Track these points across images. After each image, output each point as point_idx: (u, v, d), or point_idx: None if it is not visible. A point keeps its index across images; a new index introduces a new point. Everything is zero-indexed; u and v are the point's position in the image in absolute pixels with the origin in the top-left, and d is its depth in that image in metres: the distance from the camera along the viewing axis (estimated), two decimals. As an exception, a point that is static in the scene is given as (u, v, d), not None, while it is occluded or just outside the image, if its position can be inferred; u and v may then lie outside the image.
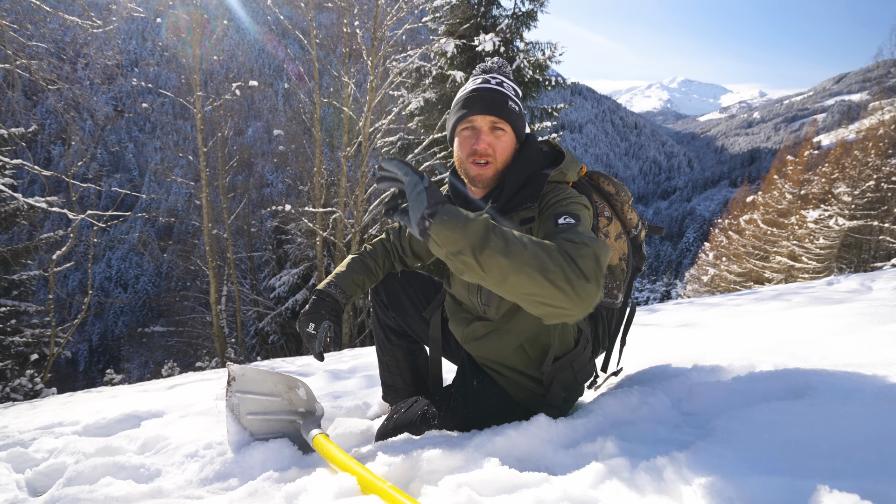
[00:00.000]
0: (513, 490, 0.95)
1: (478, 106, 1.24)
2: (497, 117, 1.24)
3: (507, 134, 1.26)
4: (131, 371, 19.31)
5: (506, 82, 1.30)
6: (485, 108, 1.24)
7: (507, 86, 1.29)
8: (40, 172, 7.70)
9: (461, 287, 1.38)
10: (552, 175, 1.24)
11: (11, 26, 6.43)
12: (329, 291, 1.48)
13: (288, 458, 1.30)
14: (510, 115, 1.25)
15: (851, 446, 0.87)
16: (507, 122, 1.25)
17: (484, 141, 1.24)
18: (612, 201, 1.38)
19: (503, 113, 1.24)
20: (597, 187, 1.38)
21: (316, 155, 11.60)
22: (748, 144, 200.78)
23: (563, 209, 1.14)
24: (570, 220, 1.10)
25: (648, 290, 42.87)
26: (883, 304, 2.66)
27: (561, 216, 1.12)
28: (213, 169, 13.31)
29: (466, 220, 0.93)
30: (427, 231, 0.93)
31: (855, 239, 15.51)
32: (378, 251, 1.62)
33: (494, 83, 1.28)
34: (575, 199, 1.18)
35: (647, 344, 2.47)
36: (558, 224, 1.10)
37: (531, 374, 1.33)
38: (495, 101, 1.24)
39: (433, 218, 0.93)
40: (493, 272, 0.94)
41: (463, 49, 9.11)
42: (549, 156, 1.34)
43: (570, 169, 1.28)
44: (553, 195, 1.20)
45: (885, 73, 21.93)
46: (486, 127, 1.25)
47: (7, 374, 7.87)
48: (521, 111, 1.29)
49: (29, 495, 1.30)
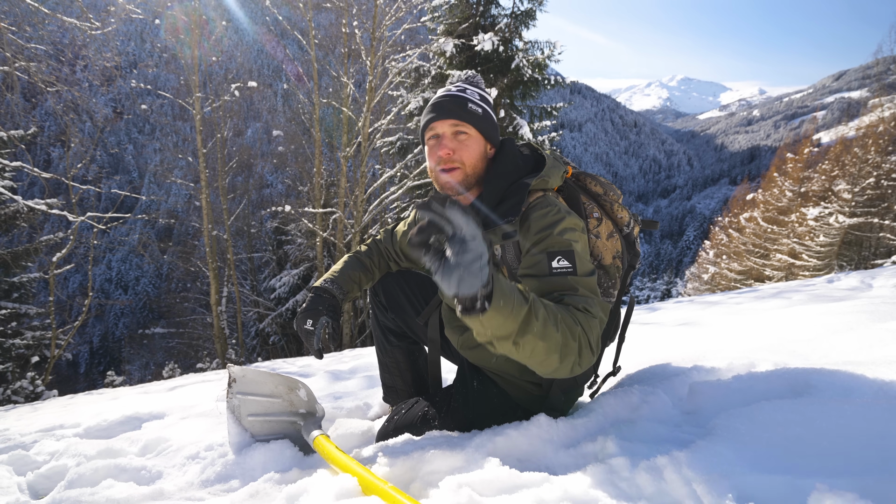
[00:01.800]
0: (513, 490, 0.95)
1: (437, 112, 1.24)
2: (457, 120, 1.22)
3: (471, 137, 1.24)
4: (132, 373, 19.31)
5: (469, 88, 1.29)
6: (444, 112, 1.23)
7: (470, 91, 1.28)
8: (40, 175, 7.70)
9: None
10: (533, 184, 1.19)
11: (10, 28, 6.43)
12: (326, 288, 1.48)
13: (289, 459, 1.31)
14: (471, 118, 1.23)
15: (851, 444, 0.87)
16: (469, 125, 1.23)
17: (446, 147, 1.22)
18: (600, 201, 1.35)
19: (462, 115, 1.22)
20: (584, 188, 1.36)
21: (315, 155, 11.60)
22: (748, 142, 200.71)
23: (556, 244, 1.10)
24: (565, 265, 1.08)
25: (649, 288, 42.88)
26: (883, 302, 2.66)
27: (555, 257, 1.09)
28: (213, 170, 13.31)
29: (514, 300, 0.86)
30: (476, 311, 0.82)
31: (855, 236, 15.50)
32: (373, 251, 1.63)
33: (455, 90, 1.28)
34: (563, 223, 1.13)
35: (647, 343, 2.47)
36: (553, 271, 1.08)
37: (528, 378, 1.33)
38: (454, 105, 1.23)
39: (489, 301, 0.82)
40: (522, 351, 0.92)
41: (462, 49, 9.11)
42: (530, 160, 1.29)
43: (551, 175, 1.23)
44: (538, 213, 1.15)
45: (884, 70, 21.92)
46: (449, 132, 1.23)
47: (8, 377, 7.87)
48: (486, 114, 1.26)
49: (30, 498, 1.30)
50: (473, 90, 1.29)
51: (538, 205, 1.18)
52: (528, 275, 1.12)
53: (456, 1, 9.34)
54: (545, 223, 1.14)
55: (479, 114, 1.25)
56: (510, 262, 1.22)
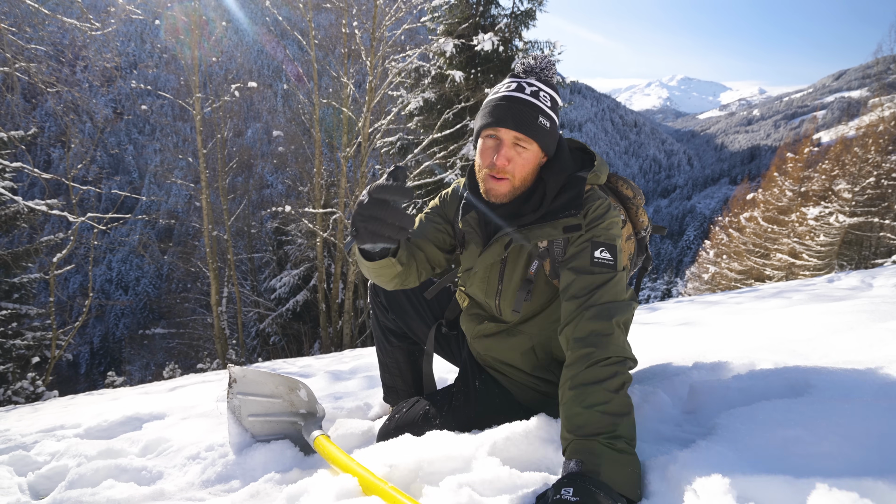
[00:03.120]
0: (514, 490, 0.95)
1: (504, 118, 1.14)
2: (522, 134, 1.14)
3: (530, 151, 1.16)
4: (132, 373, 19.29)
5: (543, 91, 1.18)
6: (511, 122, 1.13)
7: (543, 96, 1.17)
8: (40, 175, 7.70)
9: (479, 290, 1.35)
10: (588, 178, 1.21)
11: (10, 29, 6.43)
12: None
13: (289, 459, 1.31)
14: (538, 134, 1.15)
15: (851, 444, 0.87)
16: (533, 141, 1.15)
17: (504, 156, 1.15)
18: (627, 205, 1.36)
19: (530, 131, 1.14)
20: (615, 190, 1.37)
21: (315, 156, 11.60)
22: (748, 142, 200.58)
23: (602, 235, 1.14)
24: (607, 257, 1.12)
25: (649, 288, 42.85)
26: (883, 302, 2.65)
27: (599, 247, 1.12)
28: (213, 170, 13.31)
29: (632, 471, 0.91)
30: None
31: (855, 236, 15.49)
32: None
33: (529, 92, 1.16)
34: (611, 217, 1.17)
35: (647, 342, 2.47)
36: (594, 261, 1.11)
37: (538, 374, 1.33)
38: (524, 117, 1.14)
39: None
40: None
41: (462, 49, 9.11)
42: (577, 155, 1.29)
43: (602, 171, 1.24)
44: (594, 205, 1.18)
45: (884, 70, 21.89)
46: (510, 141, 1.15)
47: (9, 378, 7.87)
48: (553, 126, 1.18)
49: (31, 498, 1.30)
50: (546, 93, 1.18)
51: (591, 197, 1.20)
52: (570, 267, 1.14)
53: (456, 1, 9.34)
54: (597, 214, 1.17)
55: (547, 129, 1.16)
56: (556, 255, 1.22)
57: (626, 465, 0.89)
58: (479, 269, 1.32)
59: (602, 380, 0.98)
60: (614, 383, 0.98)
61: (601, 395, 0.96)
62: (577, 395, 0.98)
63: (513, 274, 1.26)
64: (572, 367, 1.03)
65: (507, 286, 1.27)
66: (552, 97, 1.19)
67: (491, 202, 1.23)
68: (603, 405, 0.95)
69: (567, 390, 1.01)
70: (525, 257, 1.24)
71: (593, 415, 0.94)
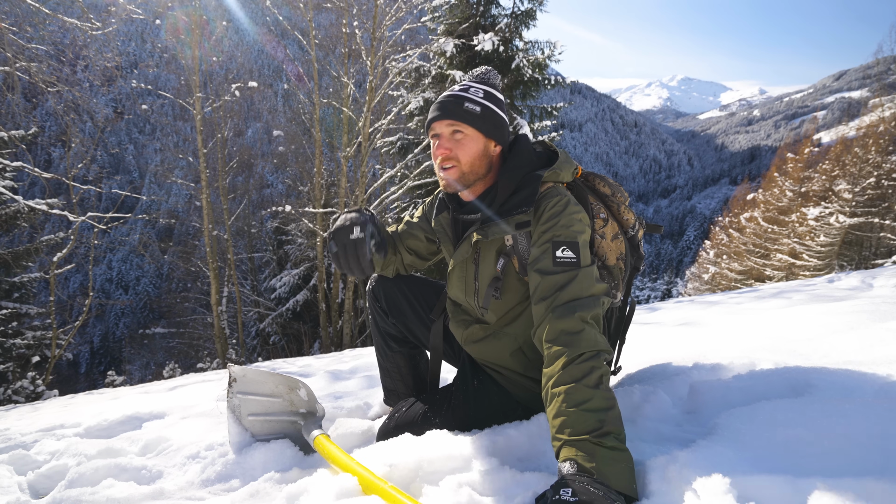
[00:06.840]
0: (514, 490, 0.95)
1: (436, 113, 1.27)
2: (453, 120, 1.25)
3: (467, 136, 1.26)
4: (132, 373, 19.30)
5: (473, 86, 1.29)
6: (441, 113, 1.26)
7: (473, 90, 1.28)
8: (40, 175, 7.70)
9: (458, 290, 1.38)
10: (546, 176, 1.23)
11: (11, 29, 6.43)
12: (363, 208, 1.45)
13: (289, 458, 1.31)
14: (467, 117, 1.25)
15: (852, 444, 0.87)
16: (465, 124, 1.25)
17: (442, 146, 1.26)
18: (608, 202, 1.37)
19: (458, 115, 1.25)
20: (592, 189, 1.38)
21: (316, 155, 11.60)
22: (748, 142, 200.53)
23: (562, 234, 1.15)
24: (569, 255, 1.13)
25: (649, 288, 42.86)
26: (884, 302, 2.65)
27: (560, 247, 1.14)
28: (213, 170, 13.31)
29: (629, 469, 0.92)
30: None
31: (856, 236, 15.49)
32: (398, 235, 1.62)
33: (458, 89, 1.29)
34: (571, 213, 1.18)
35: (647, 342, 2.47)
36: (557, 261, 1.12)
37: (531, 375, 1.33)
38: (450, 106, 1.26)
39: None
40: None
41: (462, 49, 9.11)
42: (543, 156, 1.33)
43: (563, 169, 1.26)
44: (550, 203, 1.19)
45: (885, 70, 21.89)
46: (447, 132, 1.27)
47: (9, 377, 7.88)
48: (486, 112, 1.27)
49: (31, 497, 1.30)
50: (478, 88, 1.29)
51: (548, 194, 1.22)
52: (536, 269, 1.16)
53: (456, 1, 9.34)
54: (554, 212, 1.18)
55: (477, 112, 1.26)
56: (522, 252, 1.25)
57: (619, 462, 0.90)
58: (455, 267, 1.37)
59: (580, 378, 0.98)
60: (592, 379, 0.98)
61: (582, 393, 0.96)
62: (558, 397, 0.99)
63: (486, 271, 1.30)
64: (549, 369, 1.04)
65: (482, 284, 1.30)
66: (486, 91, 1.29)
67: (460, 201, 1.34)
68: (586, 403, 0.95)
69: (548, 393, 1.02)
70: (494, 255, 1.28)
71: (578, 414, 0.94)
